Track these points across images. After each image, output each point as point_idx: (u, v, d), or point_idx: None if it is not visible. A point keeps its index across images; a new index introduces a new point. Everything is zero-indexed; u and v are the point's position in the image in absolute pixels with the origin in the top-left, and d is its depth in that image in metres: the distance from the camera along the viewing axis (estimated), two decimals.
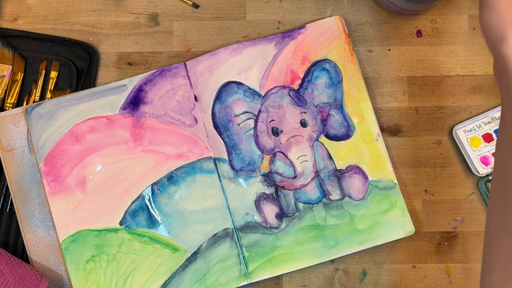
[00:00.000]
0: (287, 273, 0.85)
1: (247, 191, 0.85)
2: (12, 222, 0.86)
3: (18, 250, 0.86)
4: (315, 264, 0.85)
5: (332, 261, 0.86)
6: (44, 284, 0.81)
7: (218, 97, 0.86)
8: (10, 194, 0.86)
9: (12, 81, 0.88)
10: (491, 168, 0.86)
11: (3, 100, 0.87)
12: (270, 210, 0.85)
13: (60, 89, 0.88)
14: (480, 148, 0.86)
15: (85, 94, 0.86)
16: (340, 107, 0.86)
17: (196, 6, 0.91)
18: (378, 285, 0.86)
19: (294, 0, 0.90)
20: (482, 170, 0.86)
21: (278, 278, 0.86)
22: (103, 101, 0.86)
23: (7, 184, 0.86)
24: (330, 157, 0.86)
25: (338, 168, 0.86)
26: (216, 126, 0.86)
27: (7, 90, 0.88)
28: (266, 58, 0.87)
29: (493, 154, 0.86)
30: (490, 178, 0.85)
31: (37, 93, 0.88)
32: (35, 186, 0.85)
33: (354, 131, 0.86)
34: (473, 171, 0.86)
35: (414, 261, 0.86)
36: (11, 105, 0.87)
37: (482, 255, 0.64)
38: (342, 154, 0.86)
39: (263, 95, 0.86)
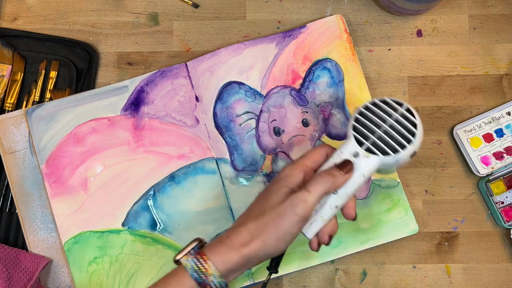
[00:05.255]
0: (289, 273, 0.85)
1: (249, 191, 0.85)
2: (12, 222, 0.86)
3: None
4: (316, 264, 0.85)
5: (332, 261, 0.86)
6: (44, 262, 0.82)
7: (219, 97, 0.86)
8: (9, 194, 0.85)
9: (12, 81, 0.87)
10: (492, 168, 0.86)
11: (3, 100, 0.87)
12: None
13: (60, 89, 0.88)
14: (481, 148, 0.86)
15: (86, 96, 0.85)
16: (342, 106, 0.86)
17: (196, 5, 0.90)
18: (378, 285, 0.86)
19: (294, 0, 0.90)
20: (483, 170, 0.86)
21: (278, 278, 0.86)
22: (104, 102, 0.85)
23: (6, 184, 0.85)
24: None
25: None
26: (217, 127, 0.86)
27: (7, 90, 0.87)
28: (267, 58, 0.87)
29: (493, 154, 0.86)
30: (490, 178, 0.86)
31: (36, 93, 0.87)
32: (37, 188, 0.85)
33: None
34: (474, 171, 0.86)
35: (414, 261, 0.87)
36: (11, 105, 0.87)
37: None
38: None
39: (264, 95, 0.86)
